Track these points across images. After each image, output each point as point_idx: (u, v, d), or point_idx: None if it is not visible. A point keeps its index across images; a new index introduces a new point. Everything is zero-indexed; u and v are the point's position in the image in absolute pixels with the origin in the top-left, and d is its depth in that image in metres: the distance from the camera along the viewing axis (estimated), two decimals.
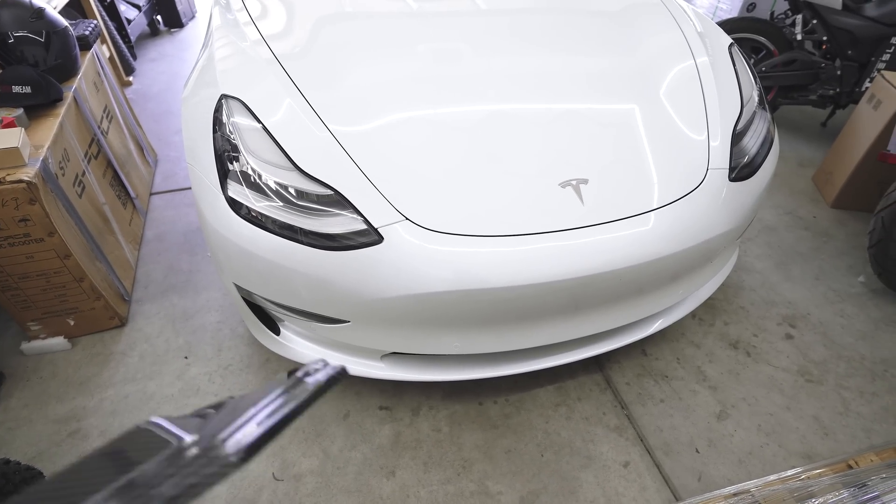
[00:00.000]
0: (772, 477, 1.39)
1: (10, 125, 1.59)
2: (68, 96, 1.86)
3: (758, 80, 1.75)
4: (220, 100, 1.41)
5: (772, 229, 2.47)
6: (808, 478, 1.37)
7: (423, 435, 1.58)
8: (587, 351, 1.57)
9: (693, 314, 2.01)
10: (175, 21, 4.60)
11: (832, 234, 2.45)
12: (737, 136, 1.54)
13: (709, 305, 2.04)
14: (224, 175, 1.33)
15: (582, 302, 1.35)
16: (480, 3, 1.89)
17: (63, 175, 1.69)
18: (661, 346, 1.88)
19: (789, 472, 1.40)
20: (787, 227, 2.49)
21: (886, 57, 2.71)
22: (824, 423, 1.66)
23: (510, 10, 1.87)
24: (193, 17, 4.92)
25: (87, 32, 2.22)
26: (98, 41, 2.38)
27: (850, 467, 1.39)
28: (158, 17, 4.57)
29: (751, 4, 3.61)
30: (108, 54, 3.39)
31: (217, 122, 1.39)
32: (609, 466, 1.52)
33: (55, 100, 1.79)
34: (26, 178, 1.45)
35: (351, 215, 1.24)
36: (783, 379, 1.79)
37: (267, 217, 1.27)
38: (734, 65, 1.71)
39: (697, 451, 1.57)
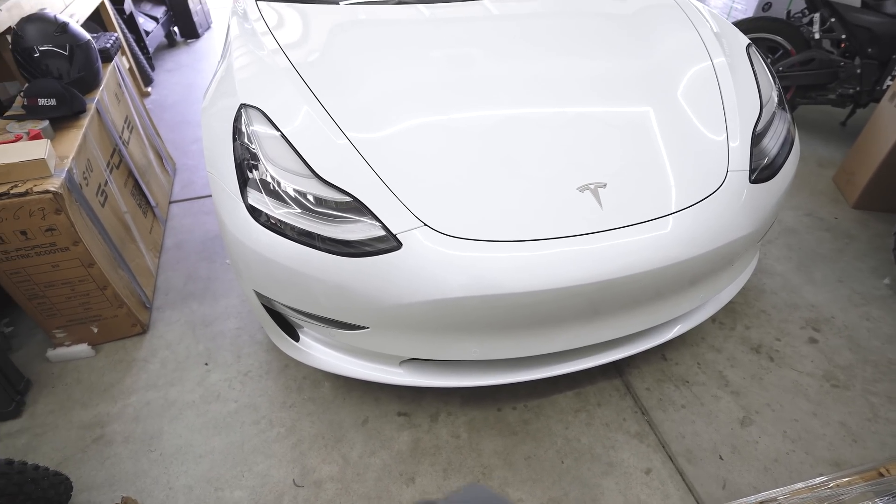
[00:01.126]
0: (799, 485, 1.36)
1: (36, 137, 1.63)
2: (91, 108, 1.90)
3: (777, 80, 1.73)
4: (239, 109, 1.43)
5: (792, 231, 2.43)
6: (838, 486, 1.34)
7: (442, 441, 1.58)
8: (606, 356, 1.55)
9: (713, 318, 1.98)
10: (191, 32, 4.68)
11: (855, 236, 2.40)
12: (756, 138, 1.52)
13: (729, 309, 2.01)
14: (244, 183, 1.34)
15: (601, 307, 1.34)
16: (493, 8, 1.89)
17: (87, 185, 1.72)
18: (681, 350, 1.85)
19: (817, 480, 1.36)
20: (807, 228, 2.45)
21: None
22: (852, 430, 1.62)
23: (523, 15, 1.87)
24: (209, 27, 5.00)
25: (108, 45, 2.27)
26: (118, 53, 2.43)
27: (882, 475, 1.36)
28: (175, 29, 4.66)
29: (766, 4, 3.57)
30: (127, 66, 3.46)
31: (236, 131, 1.41)
32: (631, 473, 1.50)
33: (79, 111, 1.83)
34: (52, 189, 1.48)
35: (370, 222, 1.24)
36: (808, 384, 1.75)
37: (286, 224, 1.29)
38: (752, 65, 1.69)
39: (721, 457, 1.54)
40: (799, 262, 2.25)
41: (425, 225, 1.24)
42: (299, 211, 1.29)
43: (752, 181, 1.45)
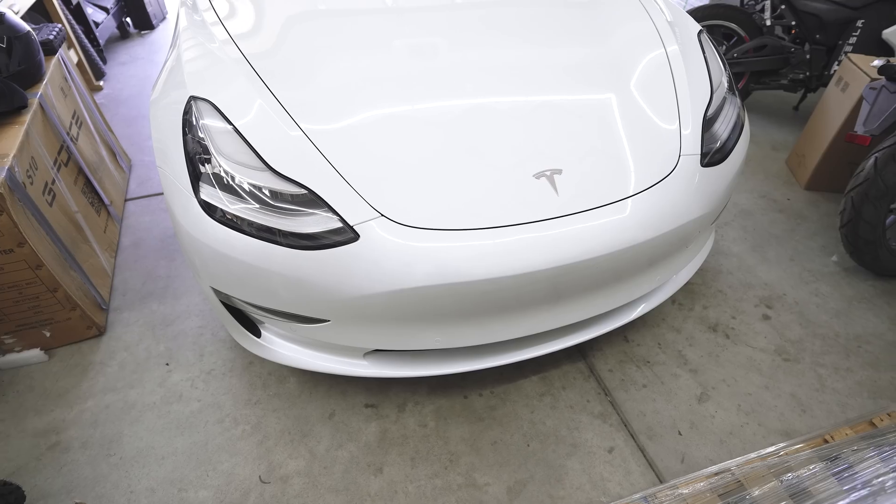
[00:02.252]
0: (752, 455, 1.43)
1: None
2: (34, 103, 1.82)
3: (727, 66, 1.78)
4: (188, 102, 1.39)
5: (747, 213, 2.51)
6: (787, 454, 1.41)
7: (409, 431, 1.59)
8: (570, 340, 1.58)
9: (673, 299, 2.04)
10: (145, 23, 4.51)
11: (806, 216, 2.50)
12: (707, 122, 1.56)
13: (688, 290, 2.07)
14: (196, 178, 1.31)
15: (562, 291, 1.36)
16: None
17: (31, 184, 1.65)
18: (642, 332, 1.90)
19: (769, 450, 1.43)
20: (762, 210, 2.53)
21: (853, 40, 2.76)
22: (802, 401, 1.70)
23: (482, 4, 1.87)
24: (164, 18, 4.83)
25: (51, 37, 2.17)
26: (64, 45, 2.33)
27: (826, 441, 1.43)
28: (128, 20, 4.48)
29: None
30: (76, 59, 3.32)
31: (187, 125, 1.37)
32: (594, 453, 1.54)
33: (20, 107, 1.75)
34: None
35: (326, 214, 1.23)
36: (761, 359, 1.83)
37: (242, 219, 1.26)
38: (703, 52, 1.73)
39: (680, 433, 1.60)
40: (754, 242, 2.34)
41: (382, 215, 1.23)
42: (255, 205, 1.27)
43: (704, 165, 1.49)
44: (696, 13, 2.99)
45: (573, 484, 1.47)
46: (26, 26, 1.91)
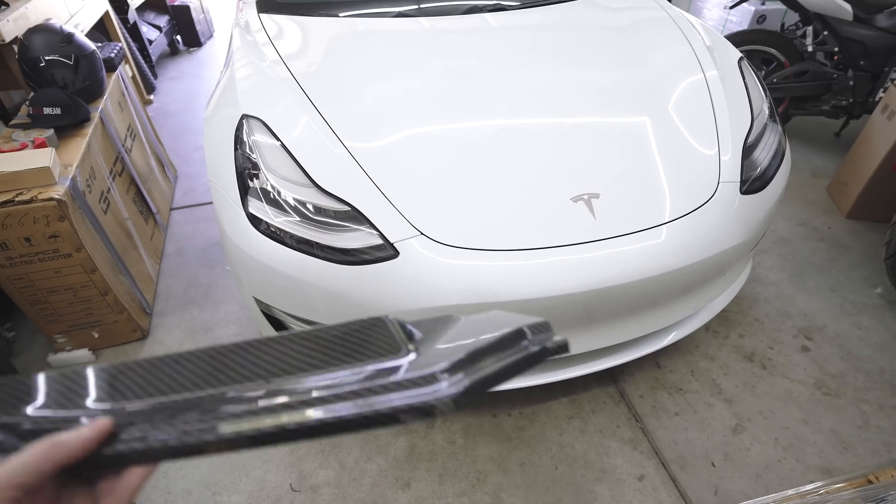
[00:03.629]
0: (790, 492, 1.38)
1: (41, 145, 1.66)
2: (95, 116, 1.94)
3: (768, 93, 1.77)
4: (241, 119, 1.46)
5: (786, 241, 2.46)
6: (827, 493, 1.35)
7: (437, 447, 1.60)
8: (601, 363, 1.57)
9: (707, 326, 2.00)
10: (194, 41, 4.74)
11: (847, 246, 2.43)
12: (748, 149, 1.55)
13: (723, 318, 2.03)
14: (245, 192, 1.37)
15: (595, 314, 1.37)
16: (492, 21, 1.93)
17: (90, 192, 1.75)
18: (674, 358, 1.87)
19: (808, 487, 1.38)
20: (801, 238, 2.47)
21: None
22: (843, 437, 1.64)
23: (521, 28, 1.91)
24: (211, 36, 5.06)
25: (112, 55, 2.31)
26: (122, 62, 2.47)
27: (870, 482, 1.37)
28: (178, 38, 4.71)
29: (761, 16, 3.62)
30: (130, 74, 3.51)
31: (238, 141, 1.44)
32: (624, 480, 1.52)
33: (83, 120, 1.86)
34: (56, 196, 1.51)
35: (367, 230, 1.27)
36: (800, 392, 1.77)
37: (285, 232, 1.31)
38: (744, 78, 1.73)
39: (713, 464, 1.56)
40: (792, 271, 2.28)
41: (421, 234, 1.26)
42: (298, 219, 1.32)
43: (744, 192, 1.48)
44: (735, 38, 2.97)
45: None
46: (92, 45, 2.04)
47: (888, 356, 1.90)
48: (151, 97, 3.82)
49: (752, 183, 1.51)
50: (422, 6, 1.99)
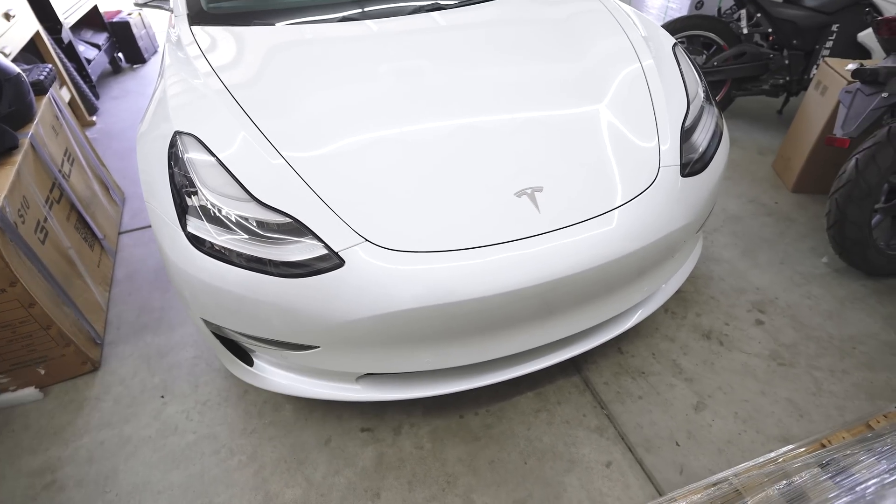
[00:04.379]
0: (750, 463, 1.42)
1: None
2: (24, 143, 1.85)
3: (702, 77, 1.81)
4: (174, 136, 1.41)
5: (736, 218, 2.53)
6: (784, 460, 1.40)
7: (405, 453, 1.58)
8: (563, 354, 1.58)
9: (665, 308, 2.04)
10: (137, 57, 4.58)
11: (794, 219, 2.52)
12: (686, 133, 1.58)
13: (680, 298, 2.08)
14: (183, 211, 1.33)
15: (552, 306, 1.37)
16: (439, 19, 1.91)
17: (23, 223, 1.67)
18: (636, 342, 1.90)
19: (767, 457, 1.42)
20: (750, 214, 2.55)
21: (829, 44, 2.81)
22: (798, 405, 1.69)
23: (459, 26, 1.91)
24: (155, 51, 4.91)
25: (41, 77, 2.21)
26: (56, 84, 2.37)
27: (824, 446, 1.42)
28: (120, 55, 4.55)
29: (699, 2, 3.72)
30: (68, 96, 3.37)
31: (173, 158, 1.39)
32: (592, 468, 1.53)
33: (10, 147, 1.77)
34: None
35: (310, 241, 1.25)
36: (756, 365, 1.82)
37: (230, 250, 1.27)
38: (679, 64, 1.77)
39: (678, 444, 1.59)
40: (744, 247, 2.35)
41: (367, 240, 1.25)
42: (244, 236, 1.28)
43: (684, 175, 1.51)
44: (675, 24, 3.04)
45: (572, 500, 1.46)
46: (16, 69, 1.95)
47: (836, 323, 1.98)
48: (94, 118, 3.68)
49: (692, 165, 1.54)
50: (365, 10, 1.97)
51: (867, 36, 2.69)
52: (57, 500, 1.50)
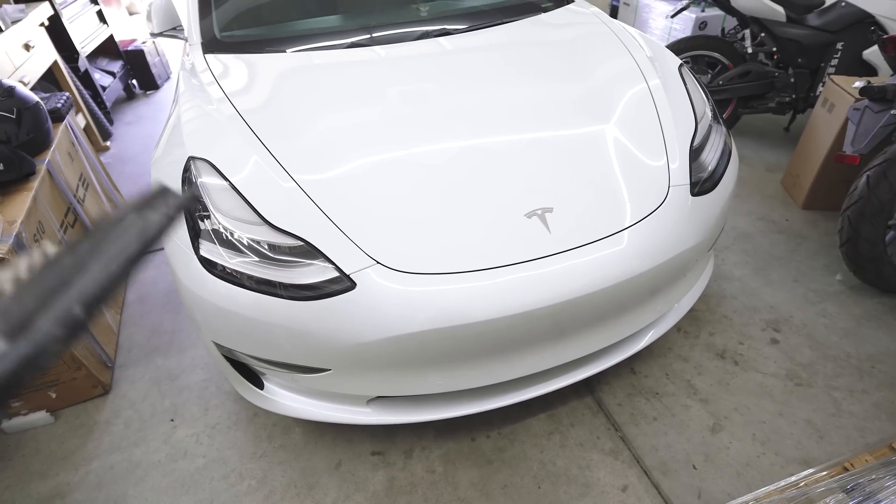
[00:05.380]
0: (770, 487, 1.38)
1: None
2: (41, 169, 1.89)
3: (710, 96, 1.82)
4: (187, 161, 1.43)
5: (747, 236, 2.51)
6: (806, 484, 1.36)
7: (417, 478, 1.56)
8: (575, 375, 1.56)
9: (678, 328, 2.02)
10: (150, 84, 4.69)
11: (806, 236, 2.50)
12: (695, 152, 1.59)
13: (693, 317, 2.06)
14: (196, 235, 1.34)
15: (563, 327, 1.36)
16: (445, 44, 1.94)
17: (38, 247, 1.69)
18: (649, 363, 1.88)
19: (787, 481, 1.39)
20: (761, 232, 2.53)
21: (834, 62, 2.82)
22: (818, 426, 1.66)
23: (471, 49, 1.94)
24: (168, 78, 5.02)
25: (59, 105, 2.27)
26: (72, 111, 2.43)
27: (846, 469, 1.38)
28: (134, 82, 4.66)
29: (702, 23, 3.77)
30: (83, 122, 3.45)
31: (186, 183, 1.41)
32: (607, 492, 1.50)
33: (28, 174, 1.81)
34: None
35: (322, 264, 1.25)
36: (773, 385, 1.79)
37: (242, 274, 1.28)
38: (685, 84, 1.78)
39: (695, 467, 1.56)
40: (756, 265, 2.33)
41: (377, 263, 1.25)
42: (256, 259, 1.29)
43: (694, 194, 1.51)
44: (679, 45, 3.08)
45: None
46: (35, 97, 2.00)
47: (853, 341, 1.94)
48: (108, 143, 3.75)
49: (702, 184, 1.54)
50: (374, 35, 2.01)
51: (873, 53, 2.70)
52: None
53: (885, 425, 1.65)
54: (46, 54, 3.14)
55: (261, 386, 1.53)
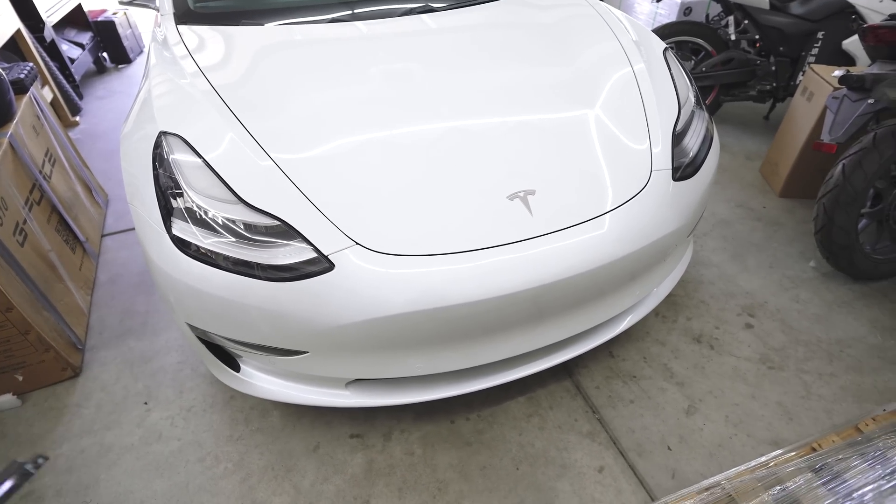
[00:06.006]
0: (742, 467, 1.42)
1: None
2: (3, 142, 1.80)
3: (693, 82, 1.82)
4: (159, 136, 1.38)
5: (726, 222, 2.54)
6: (776, 464, 1.40)
7: (396, 460, 1.56)
8: (555, 358, 1.57)
9: (656, 312, 2.04)
10: (122, 57, 4.52)
11: (782, 223, 2.54)
12: (677, 138, 1.59)
13: (671, 302, 2.08)
14: (168, 213, 1.29)
15: (544, 310, 1.36)
16: (429, 22, 1.90)
17: (1, 225, 1.62)
18: (627, 346, 1.90)
19: (758, 461, 1.42)
20: (739, 219, 2.57)
21: (815, 51, 2.85)
22: (788, 409, 1.70)
23: (452, 29, 1.90)
24: (141, 51, 4.84)
25: (22, 76, 2.16)
26: (37, 83, 2.32)
27: (814, 450, 1.43)
28: (104, 54, 4.48)
29: (687, 8, 3.77)
30: (50, 96, 3.31)
31: (158, 159, 1.36)
32: (584, 473, 1.52)
33: None
34: None
35: (299, 244, 1.22)
36: (746, 368, 1.83)
37: (217, 254, 1.24)
38: (669, 69, 1.77)
39: (669, 448, 1.59)
40: (733, 251, 2.36)
41: (357, 244, 1.22)
42: (231, 239, 1.25)
43: (676, 179, 1.51)
44: (664, 30, 3.07)
45: None
46: None
47: (824, 326, 1.99)
48: (77, 118, 3.61)
49: (683, 170, 1.55)
50: (355, 11, 1.95)
51: (852, 43, 2.73)
52: None
53: (851, 407, 1.70)
54: (8, 22, 2.98)
55: (237, 368, 1.50)
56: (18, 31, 3.08)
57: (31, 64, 2.29)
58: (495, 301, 1.24)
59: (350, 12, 1.93)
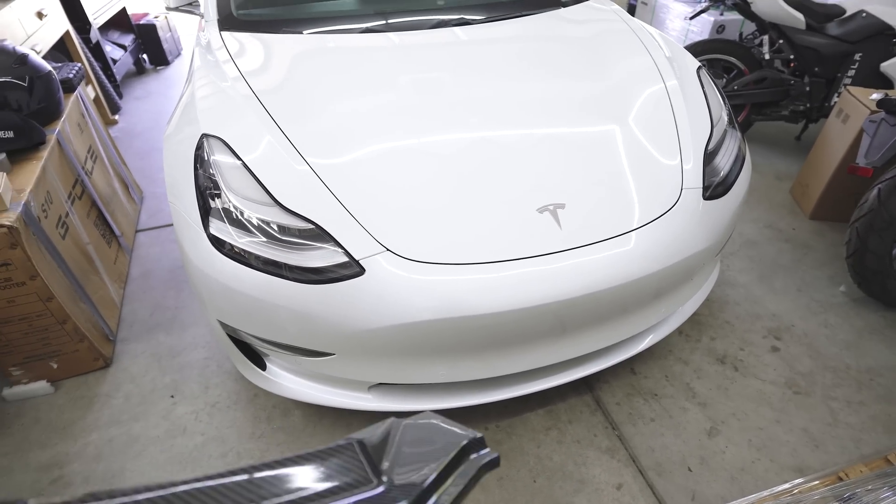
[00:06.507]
0: (765, 493, 1.39)
1: None
2: (51, 139, 1.88)
3: (726, 100, 1.81)
4: (200, 138, 1.43)
5: (753, 243, 2.51)
6: (800, 492, 1.37)
7: None
8: (576, 372, 1.57)
9: (679, 331, 2.02)
10: (161, 59, 4.66)
11: (812, 246, 2.49)
12: (708, 156, 1.58)
13: (695, 321, 2.06)
14: (206, 213, 1.34)
15: (567, 324, 1.36)
16: (460, 34, 1.93)
17: (46, 217, 1.69)
18: (649, 364, 1.88)
19: (782, 487, 1.40)
20: (767, 240, 2.53)
21: (851, 73, 2.80)
22: (814, 435, 1.66)
23: (488, 41, 1.92)
24: (179, 54, 4.99)
25: (70, 75, 2.25)
26: (83, 83, 2.41)
27: (841, 479, 1.39)
28: (144, 56, 4.63)
29: (720, 26, 3.74)
30: (93, 95, 3.43)
31: (198, 161, 1.41)
32: (602, 490, 1.51)
33: (38, 143, 1.81)
34: (7, 223, 1.45)
35: (332, 248, 1.25)
36: (771, 392, 1.80)
37: (250, 253, 1.28)
38: (703, 87, 1.77)
39: (690, 469, 1.56)
40: (760, 273, 2.33)
41: (388, 250, 1.25)
42: (264, 240, 1.29)
43: (706, 198, 1.51)
44: (696, 47, 3.05)
45: None
46: (48, 66, 1.99)
47: (854, 353, 1.94)
48: (116, 117, 3.73)
49: (714, 189, 1.54)
50: (389, 21, 1.99)
51: (891, 66, 2.68)
52: (63, 495, 1.50)
53: (881, 437, 1.66)
54: (59, 23, 3.11)
55: (263, 367, 1.53)
56: (67, 32, 3.21)
57: (78, 64, 2.39)
58: (521, 313, 1.25)
59: (384, 23, 1.98)
